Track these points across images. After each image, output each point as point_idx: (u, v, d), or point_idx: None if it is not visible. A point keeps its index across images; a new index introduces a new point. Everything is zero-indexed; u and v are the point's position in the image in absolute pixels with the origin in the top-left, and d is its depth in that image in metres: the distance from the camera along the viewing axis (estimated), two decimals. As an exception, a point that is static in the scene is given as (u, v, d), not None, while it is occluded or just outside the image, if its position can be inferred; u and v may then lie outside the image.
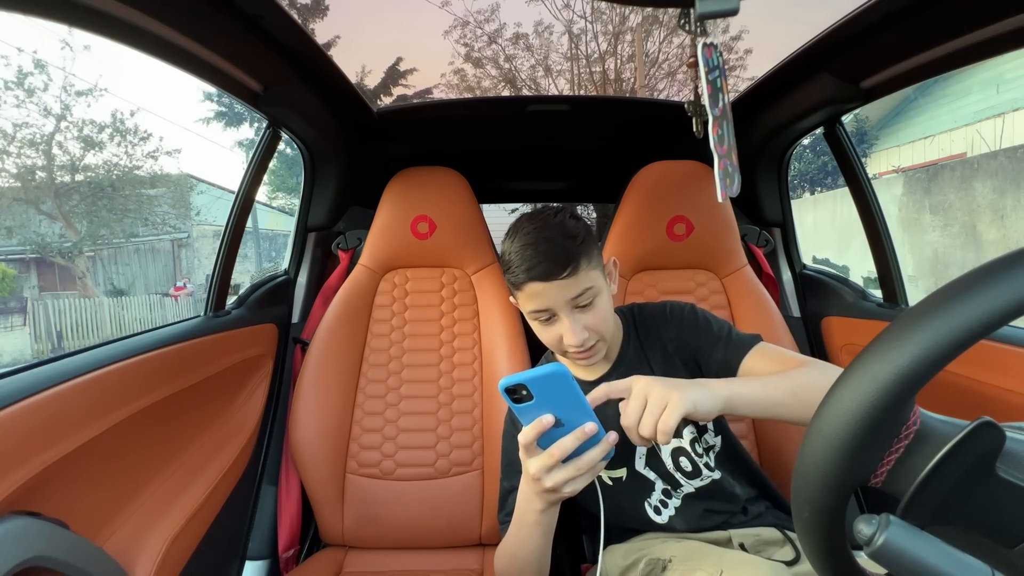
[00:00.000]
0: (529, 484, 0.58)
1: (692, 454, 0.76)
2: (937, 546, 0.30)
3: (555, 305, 0.68)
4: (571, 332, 0.68)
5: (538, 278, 0.66)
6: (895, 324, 0.31)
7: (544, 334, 0.73)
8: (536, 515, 0.60)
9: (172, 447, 0.83)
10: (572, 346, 0.69)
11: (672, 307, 0.82)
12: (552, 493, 0.55)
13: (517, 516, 0.64)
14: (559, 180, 1.79)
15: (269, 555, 1.03)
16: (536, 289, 0.67)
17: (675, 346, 0.79)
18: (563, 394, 0.49)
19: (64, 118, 9.37)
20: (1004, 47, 0.72)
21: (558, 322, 0.70)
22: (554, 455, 0.51)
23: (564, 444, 0.51)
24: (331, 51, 9.96)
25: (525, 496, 0.61)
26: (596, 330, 0.70)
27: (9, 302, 9.05)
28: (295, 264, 1.29)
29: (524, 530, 0.63)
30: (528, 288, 0.68)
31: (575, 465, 0.52)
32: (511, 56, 10.32)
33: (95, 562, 0.60)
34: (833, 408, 0.32)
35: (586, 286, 0.68)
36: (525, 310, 0.72)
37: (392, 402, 1.09)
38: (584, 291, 0.68)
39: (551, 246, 0.67)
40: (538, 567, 0.66)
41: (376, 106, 1.19)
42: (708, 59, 0.57)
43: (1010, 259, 0.29)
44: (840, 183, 7.26)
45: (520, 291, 0.70)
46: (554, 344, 0.72)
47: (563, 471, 0.53)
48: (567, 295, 0.67)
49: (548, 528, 0.63)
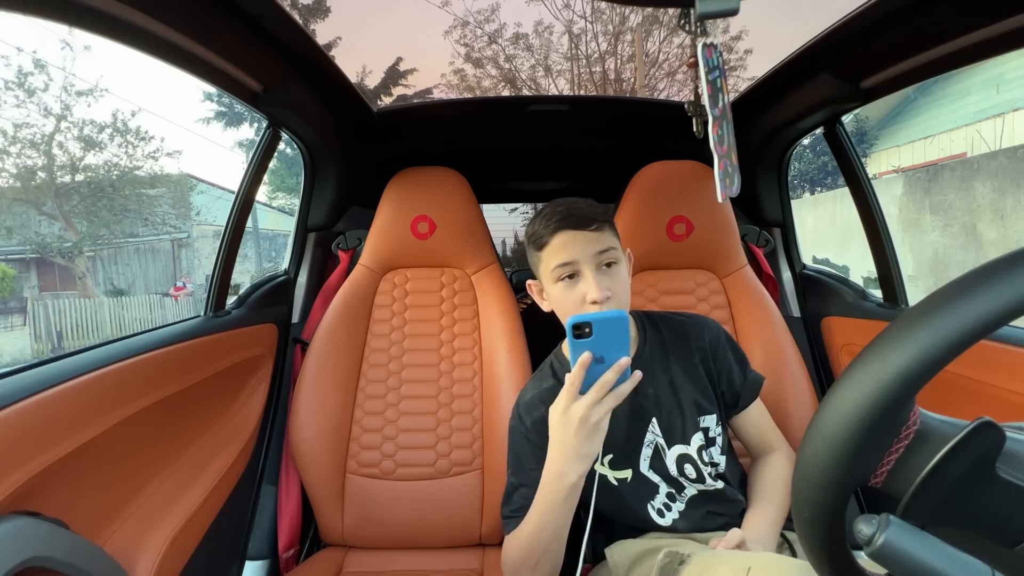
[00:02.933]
0: (563, 451, 0.61)
1: (698, 462, 0.76)
2: (937, 546, 0.30)
3: (581, 257, 0.71)
4: (595, 286, 0.69)
5: (568, 227, 0.72)
6: (895, 324, 0.31)
7: (566, 297, 0.73)
8: (567, 490, 0.62)
9: (172, 447, 0.83)
10: (595, 301, 0.70)
11: (707, 322, 0.85)
12: (594, 436, 0.60)
13: (542, 499, 0.65)
14: (559, 180, 1.79)
15: (269, 555, 1.03)
16: (564, 239, 0.72)
17: (702, 356, 0.81)
18: (615, 335, 0.58)
19: (64, 118, 9.38)
20: (1004, 47, 0.72)
21: (581, 281, 0.71)
22: (602, 389, 0.58)
23: (607, 377, 0.58)
24: (332, 52, 9.96)
25: (556, 473, 0.63)
26: (616, 295, 0.72)
27: (9, 302, 9.05)
28: (295, 264, 1.29)
29: (550, 511, 0.65)
30: (557, 239, 0.72)
31: (615, 395, 0.59)
32: (511, 56, 10.34)
33: (95, 562, 0.60)
34: (833, 408, 0.32)
35: (610, 245, 0.72)
36: (549, 269, 0.74)
37: (392, 402, 1.09)
38: (608, 249, 0.72)
39: (581, 206, 0.74)
40: (556, 553, 0.67)
41: (376, 106, 1.19)
42: (708, 59, 0.57)
43: (1010, 259, 0.29)
44: (840, 183, 7.26)
45: (547, 247, 0.73)
46: (574, 306, 0.72)
47: (606, 403, 0.59)
48: (593, 248, 0.71)
49: (572, 508, 0.65)
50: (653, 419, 0.77)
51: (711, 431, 0.78)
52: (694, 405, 0.77)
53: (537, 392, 0.79)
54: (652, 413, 0.77)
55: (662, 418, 0.77)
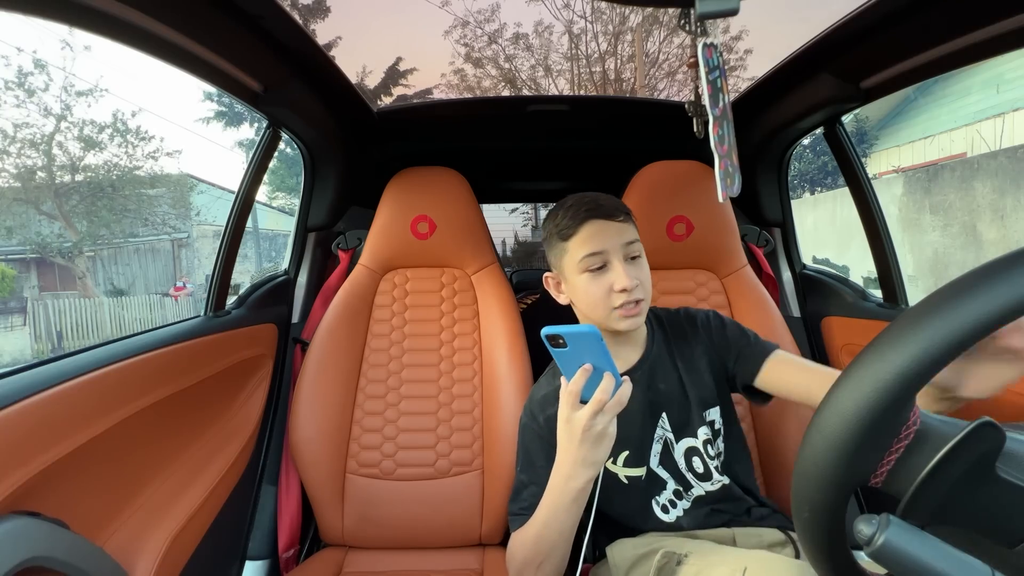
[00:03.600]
0: (570, 456, 0.60)
1: (704, 455, 0.76)
2: (937, 546, 0.30)
3: (610, 247, 0.71)
4: (624, 275, 0.70)
5: (600, 216, 0.72)
6: (895, 324, 0.31)
7: (593, 287, 0.72)
8: (575, 493, 0.62)
9: (172, 447, 0.83)
10: (624, 288, 0.70)
11: (696, 313, 0.84)
12: (601, 443, 0.58)
13: (549, 501, 0.65)
14: (559, 180, 1.79)
15: (269, 555, 1.03)
16: (593, 228, 0.72)
17: (703, 349, 0.81)
18: (592, 348, 0.56)
19: (64, 118, 9.37)
20: (1004, 47, 0.72)
21: (610, 271, 0.72)
22: (601, 399, 0.56)
23: (605, 385, 0.56)
24: (332, 52, 9.96)
25: (564, 476, 0.62)
26: (643, 285, 0.72)
27: (9, 302, 9.04)
28: (295, 264, 1.29)
29: (557, 512, 0.64)
30: (586, 229, 0.72)
31: (616, 402, 0.57)
32: (511, 56, 10.33)
33: (95, 562, 0.60)
34: (833, 408, 0.32)
35: (635, 238, 0.73)
36: (576, 260, 0.73)
37: (392, 402, 1.09)
38: (635, 241, 0.73)
39: (607, 198, 0.74)
40: (563, 554, 0.67)
41: (376, 106, 1.19)
42: (708, 59, 0.57)
43: (1009, 260, 0.29)
44: (840, 183, 7.26)
45: (574, 236, 0.73)
46: (601, 296, 0.72)
47: (609, 411, 0.57)
48: (622, 238, 0.72)
49: (579, 510, 0.64)
50: (663, 414, 0.78)
51: (716, 423, 0.79)
52: (699, 399, 0.78)
53: (552, 388, 0.79)
54: (663, 408, 0.78)
55: (672, 413, 0.78)
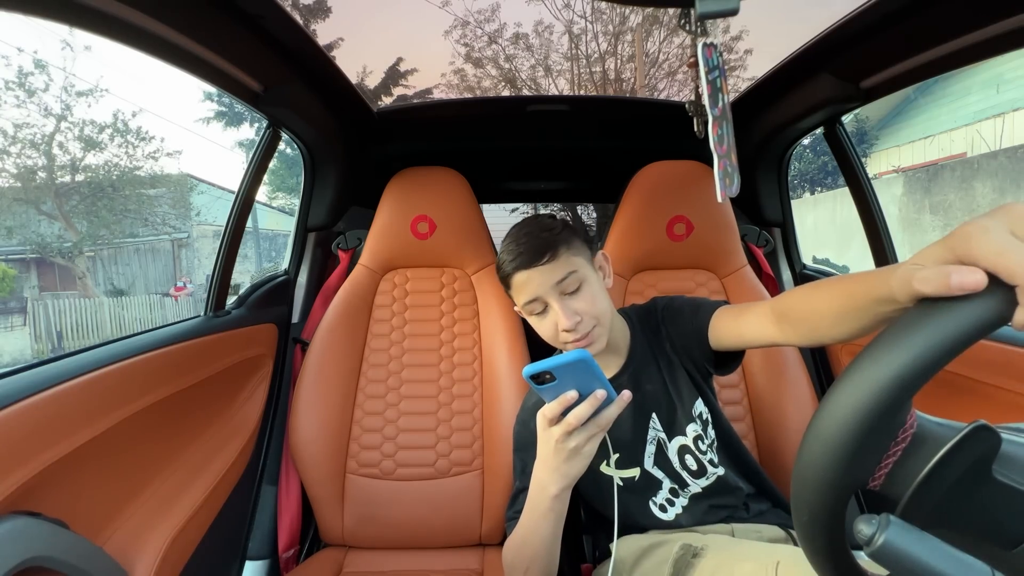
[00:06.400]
0: (545, 464, 0.59)
1: (696, 452, 0.77)
2: (937, 546, 0.30)
3: (542, 292, 0.71)
4: (563, 315, 0.69)
5: (521, 267, 0.71)
6: (892, 327, 0.31)
7: (542, 328, 0.74)
8: (549, 501, 0.61)
9: (172, 447, 0.83)
10: (566, 329, 0.70)
11: (654, 307, 0.84)
12: (573, 460, 0.57)
13: (529, 506, 0.65)
14: (559, 180, 1.79)
15: (269, 555, 1.03)
16: (522, 278, 0.72)
17: (669, 341, 0.81)
18: (582, 373, 0.53)
19: (65, 118, 9.37)
20: (1004, 47, 0.72)
21: (551, 311, 0.72)
22: (571, 423, 0.55)
23: (579, 412, 0.55)
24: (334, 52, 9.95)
25: (539, 483, 0.62)
26: (589, 314, 0.71)
27: (9, 302, 9.04)
28: (295, 264, 1.29)
29: (536, 519, 0.64)
30: (516, 279, 0.73)
31: (596, 423, 0.56)
32: (511, 56, 10.31)
33: (95, 562, 0.60)
34: (830, 412, 0.32)
35: (569, 270, 0.70)
36: (519, 305, 0.75)
37: (392, 402, 1.09)
38: (568, 275, 0.70)
39: (530, 238, 0.72)
40: (547, 561, 0.67)
41: (376, 106, 1.19)
42: (708, 59, 0.57)
43: None
44: (840, 183, 7.26)
45: (511, 287, 0.74)
46: (552, 336, 0.73)
47: (584, 431, 0.56)
48: (551, 280, 0.70)
49: (559, 518, 0.64)
50: (653, 414, 0.78)
51: (704, 414, 0.79)
52: (683, 393, 0.79)
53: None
54: (652, 408, 0.78)
55: (662, 412, 0.78)
